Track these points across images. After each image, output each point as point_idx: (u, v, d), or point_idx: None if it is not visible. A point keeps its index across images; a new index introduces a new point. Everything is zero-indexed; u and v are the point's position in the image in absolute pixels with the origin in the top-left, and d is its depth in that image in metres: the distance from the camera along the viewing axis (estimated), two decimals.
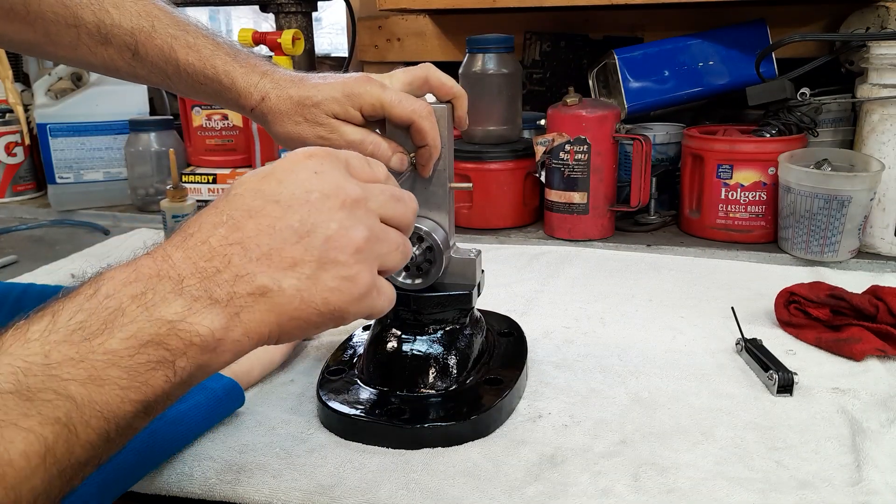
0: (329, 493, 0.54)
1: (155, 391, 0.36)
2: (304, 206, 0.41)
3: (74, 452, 0.33)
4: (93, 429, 0.33)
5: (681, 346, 0.77)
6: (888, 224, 1.01)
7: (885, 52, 0.97)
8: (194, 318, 0.37)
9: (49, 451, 0.32)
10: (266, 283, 0.39)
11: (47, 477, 0.32)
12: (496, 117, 1.18)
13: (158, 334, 0.36)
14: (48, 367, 0.33)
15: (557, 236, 1.14)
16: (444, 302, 0.65)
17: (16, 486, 0.30)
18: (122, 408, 0.34)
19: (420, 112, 0.59)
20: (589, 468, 0.56)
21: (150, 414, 0.37)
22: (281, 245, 0.40)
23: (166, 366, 0.36)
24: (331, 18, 1.95)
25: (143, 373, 0.35)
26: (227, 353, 0.39)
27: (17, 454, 0.30)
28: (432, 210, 0.64)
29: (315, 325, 0.42)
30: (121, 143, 1.39)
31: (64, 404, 0.32)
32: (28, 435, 0.31)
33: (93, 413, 0.33)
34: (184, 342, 0.36)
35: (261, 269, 0.39)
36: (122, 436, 0.36)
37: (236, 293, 0.39)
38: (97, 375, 0.34)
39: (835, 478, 0.54)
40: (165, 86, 0.66)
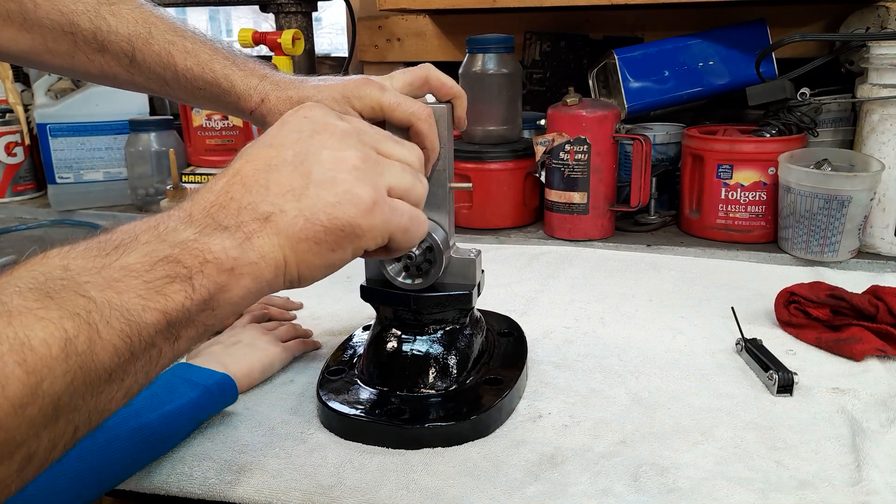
0: (329, 494, 0.54)
1: (175, 306, 0.36)
2: (296, 143, 0.44)
3: (97, 353, 0.32)
4: (114, 330, 0.33)
5: (681, 346, 0.77)
6: (888, 224, 1.01)
7: (885, 52, 0.97)
8: (206, 240, 0.38)
9: (70, 342, 0.31)
10: (268, 209, 0.41)
11: (70, 371, 0.31)
12: (496, 117, 1.18)
13: (172, 253, 0.37)
14: (66, 273, 0.33)
15: (557, 236, 1.14)
16: (444, 302, 0.65)
17: (37, 370, 0.30)
18: (142, 316, 0.34)
19: (419, 115, 0.59)
20: (589, 468, 0.56)
21: (173, 334, 0.36)
22: (277, 176, 0.42)
23: (184, 281, 0.36)
24: (331, 18, 1.95)
25: (161, 286, 0.36)
26: (246, 277, 0.39)
27: (37, 341, 0.30)
28: (432, 210, 0.64)
29: (330, 247, 0.43)
30: (121, 143, 1.39)
31: (83, 302, 0.32)
32: (48, 324, 0.31)
33: (113, 314, 0.33)
34: (198, 259, 0.37)
35: (261, 198, 0.41)
36: (147, 351, 0.35)
37: (243, 221, 0.40)
38: (115, 284, 0.34)
39: (835, 478, 0.54)
40: (164, 93, 0.65)
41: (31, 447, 0.30)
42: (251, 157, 0.44)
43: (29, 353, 0.30)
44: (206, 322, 0.38)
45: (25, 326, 0.30)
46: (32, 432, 0.30)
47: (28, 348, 0.30)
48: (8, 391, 0.29)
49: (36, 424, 0.30)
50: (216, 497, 0.55)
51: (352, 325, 0.84)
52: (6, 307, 0.30)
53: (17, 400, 0.29)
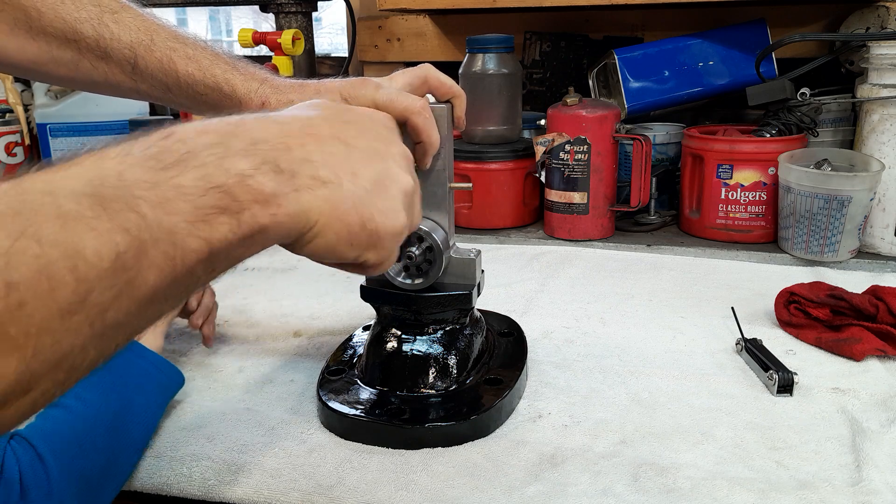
0: (328, 494, 0.54)
1: (219, 238, 0.36)
2: (374, 140, 0.46)
3: (143, 272, 0.32)
4: (160, 251, 0.33)
5: (681, 346, 0.77)
6: (888, 224, 1.01)
7: (885, 52, 0.97)
8: (262, 179, 0.38)
9: (119, 257, 0.31)
10: (328, 175, 0.41)
11: (117, 285, 0.31)
12: (496, 117, 1.18)
13: (227, 183, 0.36)
14: (121, 182, 0.33)
15: (557, 236, 1.14)
16: (444, 302, 0.65)
17: (87, 280, 0.30)
18: (187, 242, 0.34)
19: (412, 109, 0.59)
20: (589, 468, 0.56)
21: (212, 265, 0.36)
22: (348, 156, 0.43)
23: (231, 215, 0.36)
24: (331, 18, 1.95)
25: (209, 214, 0.35)
26: (283, 226, 0.39)
27: (89, 250, 0.30)
28: (432, 210, 0.64)
29: (351, 241, 0.43)
30: None
31: (135, 218, 0.32)
32: (100, 235, 0.30)
33: (160, 234, 0.33)
34: (250, 196, 0.37)
35: (326, 162, 0.41)
36: (187, 277, 0.35)
37: (300, 172, 0.40)
38: (166, 203, 0.34)
39: (835, 478, 0.54)
40: (167, 99, 0.66)
41: (77, 360, 0.30)
42: (332, 121, 0.44)
43: (81, 261, 0.29)
44: (239, 256, 0.38)
45: (78, 234, 0.30)
46: (79, 343, 0.30)
47: (80, 257, 0.30)
48: (58, 296, 0.29)
49: (82, 335, 0.30)
50: (215, 497, 0.55)
51: (352, 325, 0.84)
52: (61, 210, 0.30)
53: (67, 306, 0.29)
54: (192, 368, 0.75)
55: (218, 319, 0.86)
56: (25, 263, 0.28)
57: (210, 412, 0.66)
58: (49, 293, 0.28)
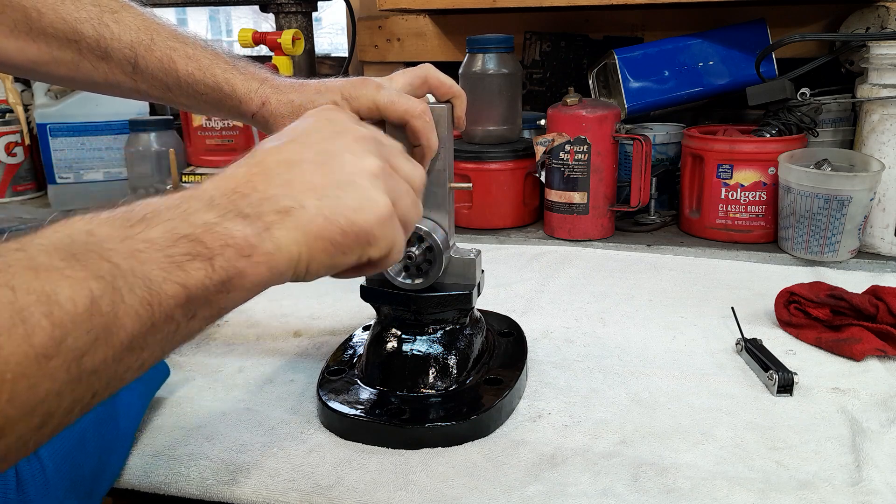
0: (327, 494, 0.54)
1: (195, 282, 0.36)
2: (319, 142, 0.45)
3: (120, 317, 0.32)
4: (137, 297, 0.33)
5: (681, 346, 0.77)
6: (888, 224, 1.01)
7: (885, 52, 0.97)
8: (228, 224, 0.39)
9: (94, 303, 0.31)
10: (290, 204, 0.42)
11: (93, 330, 0.31)
12: (496, 117, 1.18)
13: (194, 232, 0.37)
14: (91, 238, 0.34)
15: (557, 236, 1.14)
16: (444, 302, 0.65)
17: (63, 324, 0.30)
18: (163, 287, 0.34)
19: (412, 112, 0.58)
20: (589, 468, 0.56)
21: (191, 311, 0.37)
22: (299, 172, 0.43)
23: (204, 260, 0.37)
24: (331, 18, 1.95)
25: (181, 262, 0.36)
26: (262, 266, 0.40)
27: (63, 297, 0.30)
28: (432, 210, 0.64)
29: (342, 249, 0.43)
30: (121, 143, 1.39)
31: (108, 266, 0.32)
32: (74, 282, 0.31)
33: (136, 281, 0.33)
34: (219, 242, 0.38)
35: (283, 192, 0.42)
36: (166, 323, 0.35)
37: (263, 211, 0.41)
38: (138, 254, 0.34)
39: (835, 478, 0.54)
40: (167, 99, 0.66)
41: (52, 406, 0.30)
42: (273, 150, 0.44)
43: (55, 306, 0.30)
44: (220, 304, 0.39)
45: (52, 282, 0.30)
46: (55, 389, 0.30)
47: (55, 303, 0.30)
48: (34, 340, 0.29)
49: (59, 380, 0.30)
50: (214, 497, 0.55)
51: (352, 325, 0.84)
52: (33, 262, 0.30)
53: (42, 350, 0.29)
54: (192, 368, 0.75)
55: (218, 319, 0.86)
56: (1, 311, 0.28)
57: (209, 412, 0.66)
58: (25, 338, 0.28)
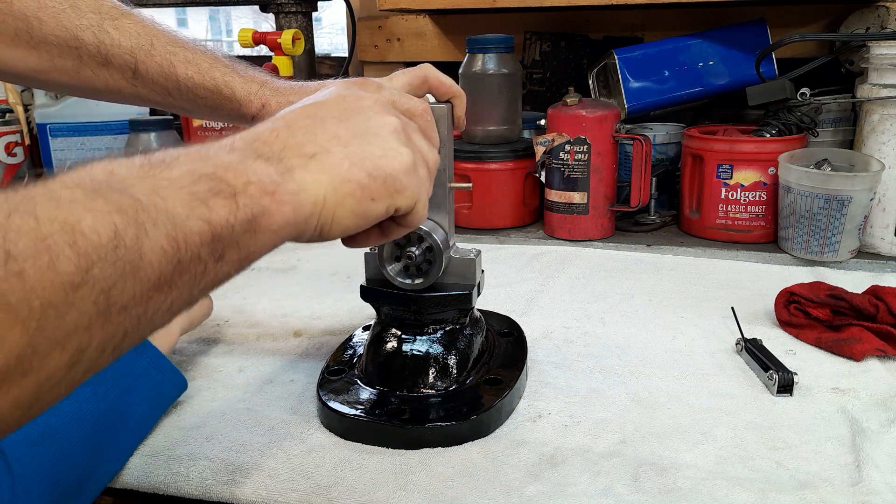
0: (326, 494, 0.54)
1: (219, 219, 0.36)
2: (340, 103, 0.47)
3: (145, 252, 0.31)
4: (161, 232, 0.32)
5: (681, 346, 0.77)
6: (888, 224, 1.01)
7: (885, 52, 0.97)
8: (249, 163, 0.39)
9: (118, 235, 0.30)
10: (313, 150, 0.42)
11: (119, 261, 0.30)
12: (496, 117, 1.18)
13: (216, 171, 0.37)
14: (111, 176, 0.33)
15: (557, 236, 1.14)
16: (444, 302, 0.65)
17: (87, 254, 0.29)
18: (188, 224, 0.34)
19: (413, 111, 0.58)
20: (589, 468, 0.56)
21: (218, 250, 0.36)
22: (323, 126, 0.44)
23: (228, 197, 0.36)
24: (331, 18, 1.95)
25: (205, 198, 0.35)
26: (287, 206, 0.40)
27: (87, 227, 0.29)
28: (432, 210, 0.64)
29: (370, 194, 0.43)
30: (121, 143, 1.39)
31: (130, 201, 0.32)
32: (96, 214, 0.30)
33: (159, 216, 0.33)
34: (241, 180, 0.38)
35: (307, 140, 0.43)
36: (193, 263, 0.34)
37: (286, 156, 0.41)
38: (160, 190, 0.34)
39: (835, 478, 0.54)
40: (168, 104, 0.66)
41: (83, 341, 0.30)
42: (296, 110, 0.45)
43: (79, 236, 0.29)
44: (248, 247, 0.38)
45: (75, 212, 0.29)
46: (83, 322, 0.29)
47: (79, 232, 0.29)
48: (59, 268, 0.28)
49: (87, 312, 0.29)
50: (213, 497, 0.55)
51: (352, 325, 0.84)
52: (54, 195, 0.30)
53: (69, 278, 0.28)
54: (192, 368, 0.75)
55: (218, 319, 0.86)
56: (22, 236, 0.27)
57: (209, 412, 0.66)
58: (50, 265, 0.28)
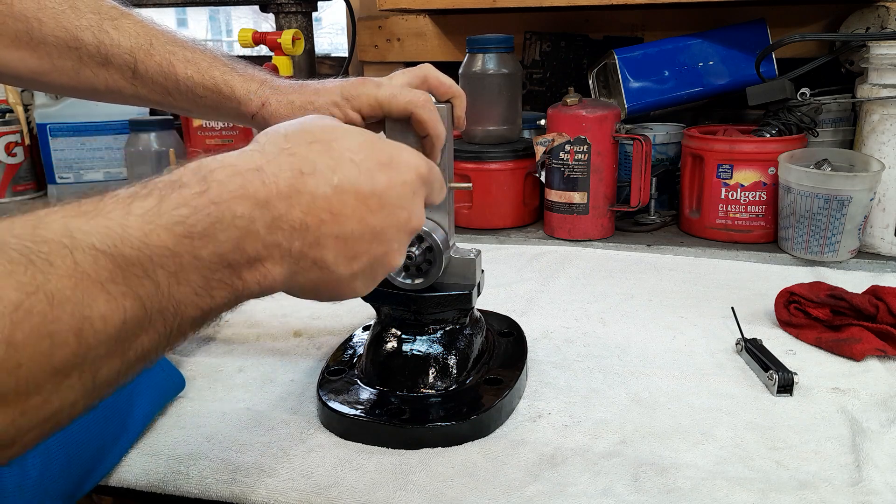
0: (326, 494, 0.54)
1: (215, 306, 0.37)
2: (391, 209, 0.43)
3: (140, 339, 0.33)
4: (161, 319, 0.34)
5: (681, 346, 0.77)
6: (888, 224, 1.01)
7: (885, 52, 0.97)
8: (270, 265, 0.39)
9: (125, 324, 0.31)
10: (328, 262, 0.42)
11: (113, 351, 0.32)
12: (496, 117, 1.18)
13: (240, 263, 0.38)
14: (146, 247, 0.33)
15: (557, 236, 1.14)
16: (444, 302, 0.65)
17: (89, 344, 0.30)
18: (188, 312, 0.35)
19: (417, 102, 0.58)
20: (589, 468, 0.56)
21: (201, 327, 0.38)
22: (359, 237, 0.42)
23: (231, 290, 0.38)
24: (331, 18, 1.95)
25: (214, 287, 0.37)
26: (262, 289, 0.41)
27: (97, 315, 0.30)
28: (432, 210, 0.64)
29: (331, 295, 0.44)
30: (121, 143, 1.39)
31: (149, 286, 0.33)
32: (111, 299, 0.31)
33: (167, 305, 0.34)
34: (257, 278, 0.39)
35: (334, 248, 0.42)
36: (177, 339, 0.36)
37: (306, 255, 0.41)
38: (182, 274, 0.35)
39: (835, 478, 0.54)
40: (168, 104, 0.66)
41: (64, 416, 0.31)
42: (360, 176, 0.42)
43: (87, 324, 0.30)
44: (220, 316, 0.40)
45: (90, 295, 0.30)
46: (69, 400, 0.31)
47: (87, 321, 0.30)
48: (55, 358, 0.29)
49: (73, 393, 0.31)
50: (213, 496, 0.55)
51: (352, 325, 0.84)
52: (77, 268, 0.30)
53: (62, 368, 0.29)
54: (192, 368, 0.75)
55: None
56: (32, 323, 0.28)
57: (209, 412, 0.66)
58: (47, 355, 0.29)
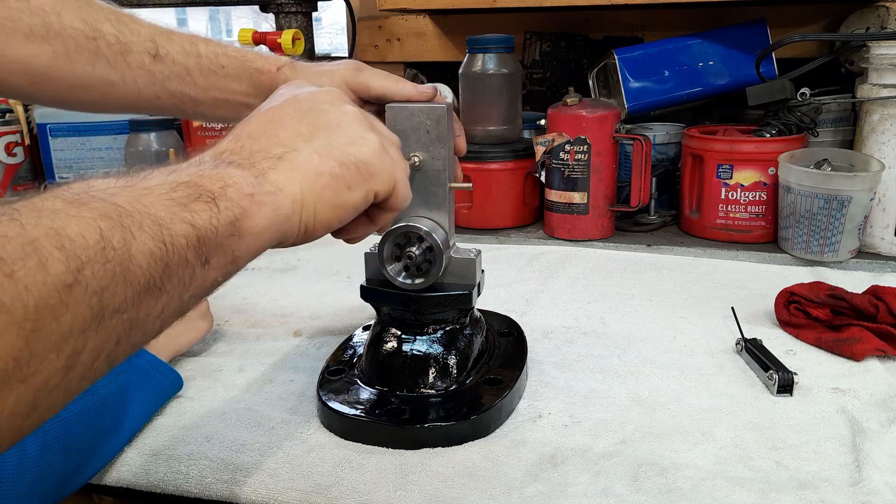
0: (326, 494, 0.54)
1: (202, 222, 0.36)
2: (293, 102, 0.47)
3: (133, 254, 0.32)
4: (147, 234, 0.33)
5: (681, 346, 0.77)
6: (888, 224, 1.01)
7: (885, 52, 0.97)
8: (223, 169, 0.40)
9: (105, 237, 0.31)
10: (280, 151, 0.43)
11: (109, 262, 0.30)
12: (496, 117, 1.18)
13: (192, 180, 0.38)
14: (91, 188, 0.34)
15: (557, 236, 1.14)
16: (444, 302, 0.65)
17: (76, 256, 0.29)
18: (172, 226, 0.34)
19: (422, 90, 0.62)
20: (589, 468, 0.56)
21: (203, 254, 0.36)
22: (284, 127, 0.45)
23: (206, 201, 0.37)
24: (331, 18, 1.95)
25: (185, 203, 0.36)
26: (267, 206, 0.40)
27: (72, 232, 0.30)
28: (432, 210, 0.64)
29: (346, 182, 0.44)
30: (121, 143, 1.39)
31: (113, 208, 0.32)
32: (81, 220, 0.30)
33: (144, 220, 0.33)
34: (218, 184, 0.38)
35: (271, 143, 0.43)
36: (179, 268, 0.34)
37: (255, 161, 0.42)
38: (141, 198, 0.34)
39: (835, 478, 0.54)
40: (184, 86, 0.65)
41: (78, 344, 0.30)
42: (252, 118, 0.46)
43: (66, 240, 0.29)
44: (234, 250, 0.39)
45: (59, 220, 0.30)
46: (79, 324, 0.29)
47: (65, 237, 0.29)
48: (50, 269, 0.28)
49: (82, 315, 0.29)
50: (213, 496, 0.55)
51: (352, 325, 0.84)
52: (35, 206, 0.30)
53: (60, 278, 0.28)
54: (192, 368, 0.75)
55: (218, 319, 0.86)
56: (9, 241, 0.28)
57: (209, 411, 0.66)
58: (40, 266, 0.28)
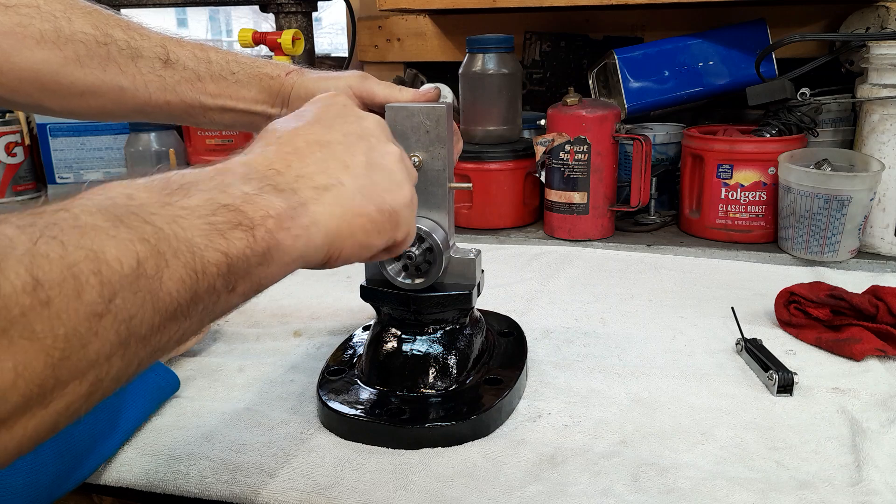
0: (326, 494, 0.54)
1: (236, 252, 0.35)
2: (343, 125, 0.47)
3: (164, 282, 0.31)
4: (181, 262, 0.32)
5: (681, 346, 0.77)
6: (888, 224, 1.01)
7: (885, 52, 0.97)
8: (267, 196, 0.39)
9: (140, 264, 0.30)
10: (327, 182, 0.43)
11: (140, 292, 0.30)
12: (496, 117, 1.18)
13: (234, 202, 0.37)
14: (131, 202, 0.33)
15: (557, 236, 1.14)
16: (444, 302, 0.65)
17: (111, 283, 0.29)
18: (206, 254, 0.34)
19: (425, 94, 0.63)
20: (589, 468, 0.56)
21: (231, 282, 0.36)
22: (333, 154, 0.44)
23: (245, 230, 0.36)
24: (331, 18, 1.95)
25: (223, 230, 0.35)
26: (301, 240, 0.40)
27: (110, 256, 0.29)
28: (432, 210, 0.64)
29: (377, 228, 0.45)
30: (121, 143, 1.39)
31: (151, 230, 0.32)
32: (119, 243, 0.30)
33: (179, 246, 0.33)
34: (260, 212, 0.38)
35: (319, 171, 0.43)
36: (208, 293, 0.34)
37: (299, 187, 0.41)
38: (179, 220, 0.34)
39: (835, 478, 0.54)
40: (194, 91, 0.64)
41: (102, 371, 0.30)
42: (300, 130, 0.45)
43: (103, 265, 0.29)
44: (259, 278, 0.38)
45: (99, 241, 0.29)
46: (105, 352, 0.29)
47: (102, 261, 0.29)
48: (84, 298, 0.28)
49: (110, 342, 0.29)
50: (212, 496, 0.55)
51: (352, 325, 0.84)
52: (77, 221, 0.30)
53: (94, 307, 0.28)
54: (192, 368, 0.75)
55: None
56: (50, 262, 0.27)
57: (209, 411, 0.66)
58: (76, 294, 0.28)
